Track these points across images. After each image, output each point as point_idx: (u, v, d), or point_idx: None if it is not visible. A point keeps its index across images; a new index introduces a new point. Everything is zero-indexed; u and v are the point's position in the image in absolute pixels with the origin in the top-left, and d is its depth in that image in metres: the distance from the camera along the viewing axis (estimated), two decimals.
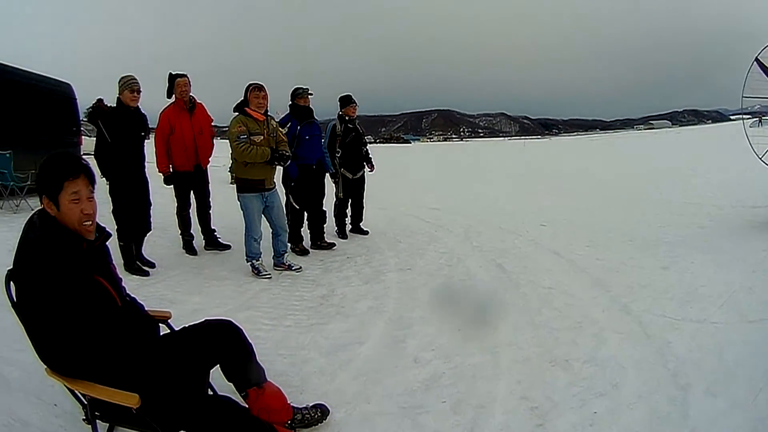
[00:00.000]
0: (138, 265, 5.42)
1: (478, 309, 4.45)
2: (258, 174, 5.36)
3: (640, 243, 6.64)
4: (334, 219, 7.39)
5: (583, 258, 5.97)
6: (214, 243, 6.37)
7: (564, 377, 3.19)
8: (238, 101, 5.43)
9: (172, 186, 6.07)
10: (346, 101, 7.39)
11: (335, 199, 7.41)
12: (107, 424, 2.27)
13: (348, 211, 7.63)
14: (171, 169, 5.98)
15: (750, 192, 9.65)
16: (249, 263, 5.50)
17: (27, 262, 2.02)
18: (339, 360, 3.46)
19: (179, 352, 2.35)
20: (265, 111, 5.43)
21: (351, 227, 7.68)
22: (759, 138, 7.80)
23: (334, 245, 6.81)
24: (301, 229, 6.64)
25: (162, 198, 6.00)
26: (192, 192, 6.15)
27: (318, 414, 2.63)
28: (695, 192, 10.88)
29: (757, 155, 7.61)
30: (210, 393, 2.48)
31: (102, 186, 3.17)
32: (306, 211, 6.72)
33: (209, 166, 6.27)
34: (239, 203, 5.42)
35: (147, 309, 2.51)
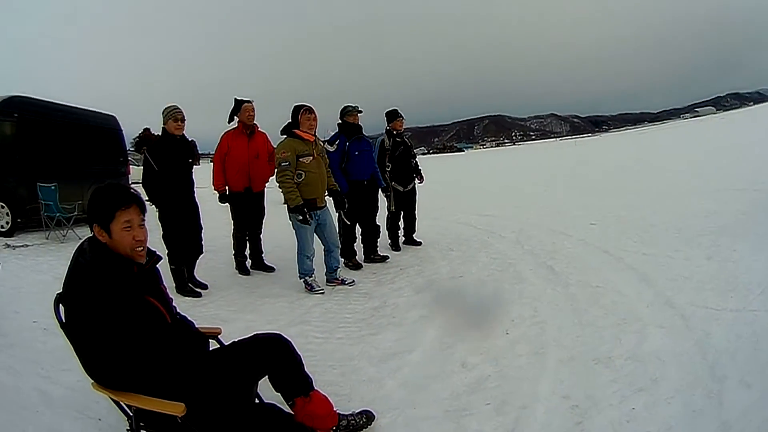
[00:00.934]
0: (190, 287, 5.58)
1: (526, 312, 4.45)
2: (310, 193, 5.50)
3: (686, 234, 6.58)
4: (387, 232, 7.50)
5: (631, 254, 5.93)
6: (260, 265, 6.55)
7: (606, 374, 3.20)
8: (285, 124, 5.58)
9: (227, 205, 6.29)
10: (392, 116, 7.52)
11: (387, 213, 7.51)
12: None
13: (400, 224, 7.72)
14: (227, 189, 6.21)
15: None
16: (302, 280, 5.64)
17: (78, 284, 2.16)
18: (388, 368, 3.55)
19: (227, 363, 2.46)
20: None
21: (404, 239, 7.77)
22: None
23: (387, 258, 6.92)
24: (354, 244, 6.77)
25: (213, 221, 6.26)
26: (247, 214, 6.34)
27: (363, 419, 2.72)
28: (738, 177, 10.75)
29: None
30: (256, 401, 2.58)
31: (152, 213, 3.36)
32: (359, 226, 6.85)
33: (266, 188, 6.45)
34: (291, 222, 5.57)
35: (197, 326, 2.65)
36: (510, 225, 8.72)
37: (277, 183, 5.52)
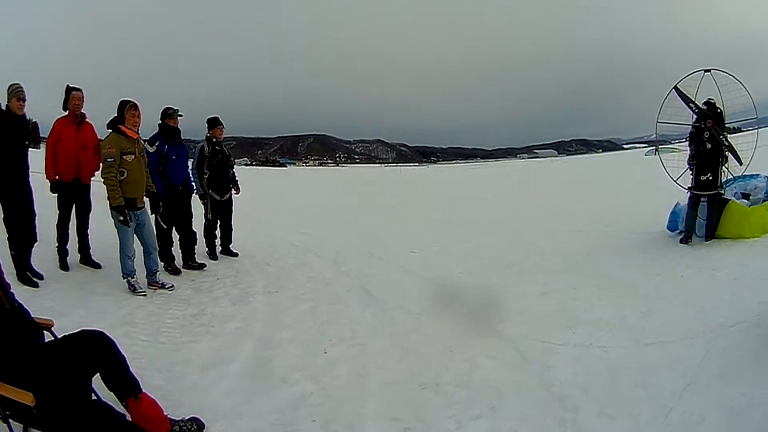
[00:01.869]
0: (28, 276, 5.38)
1: (345, 333, 4.60)
2: (131, 192, 5.45)
3: (517, 270, 6.68)
4: (204, 240, 7.46)
5: (454, 285, 6.05)
6: (87, 260, 6.26)
7: (436, 400, 3.32)
8: (111, 117, 5.47)
9: (56, 195, 5.94)
10: (213, 123, 7.52)
11: (204, 220, 7.47)
12: (21, 425, 2.38)
13: (217, 233, 7.71)
14: (57, 178, 5.85)
15: (641, 217, 9.32)
16: (125, 280, 5.56)
17: None
18: (211, 377, 3.66)
19: (61, 358, 2.54)
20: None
21: (221, 248, 7.76)
22: (670, 161, 7.94)
23: (204, 266, 6.92)
24: (172, 248, 6.70)
25: (49, 210, 5.83)
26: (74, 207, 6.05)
27: (194, 427, 2.85)
28: (581, 219, 10.64)
29: (672, 178, 7.74)
30: (93, 398, 2.67)
31: None
32: (175, 231, 6.79)
33: (92, 181, 6.14)
34: (113, 221, 5.46)
35: (33, 316, 2.69)
36: (328, 245, 8.85)
37: (102, 179, 5.39)
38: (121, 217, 5.32)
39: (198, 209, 7.23)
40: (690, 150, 7.18)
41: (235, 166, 8.09)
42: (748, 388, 3.06)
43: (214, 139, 7.46)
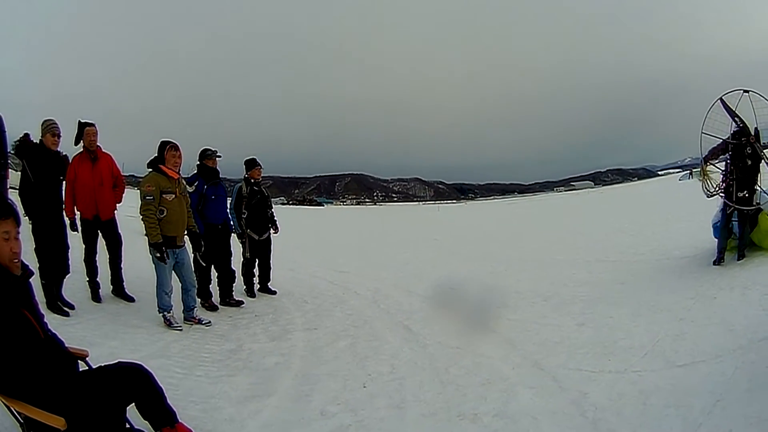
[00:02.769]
0: (59, 305, 5.39)
1: (383, 368, 4.55)
2: (170, 231, 5.51)
3: (554, 302, 6.55)
4: (242, 278, 7.46)
5: (493, 318, 5.89)
6: (121, 293, 6.28)
7: (473, 429, 3.29)
8: (151, 158, 5.58)
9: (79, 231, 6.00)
10: (251, 164, 7.61)
11: (243, 259, 7.50)
12: None
13: (255, 271, 7.72)
14: (77, 216, 5.93)
15: (675, 242, 9.19)
16: (161, 314, 5.56)
17: None
18: (248, 410, 3.59)
19: (97, 387, 2.49)
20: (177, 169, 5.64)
21: (259, 287, 7.75)
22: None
23: (242, 303, 6.90)
24: (210, 286, 6.72)
25: (80, 242, 5.93)
26: (104, 241, 6.11)
27: None
28: (616, 248, 10.28)
29: (708, 192, 7.17)
30: (127, 427, 2.61)
31: (25, 224, 3.26)
32: (214, 269, 6.82)
33: (124, 216, 6.24)
34: (150, 256, 5.51)
35: (67, 346, 2.65)
36: (366, 283, 8.77)
37: (140, 215, 5.46)
38: (158, 254, 5.37)
39: (237, 247, 7.27)
40: (727, 166, 6.84)
41: (273, 205, 8.16)
42: None
43: (252, 180, 7.56)
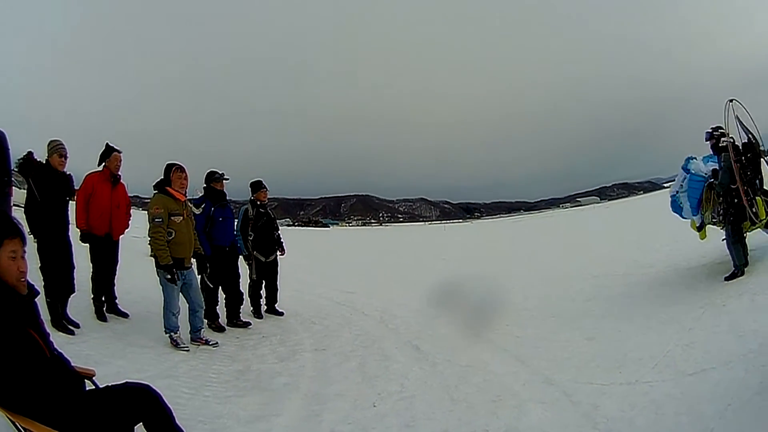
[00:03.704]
0: (64, 324, 5.38)
1: (393, 387, 4.51)
2: (179, 252, 5.51)
3: (563, 318, 6.57)
4: (249, 299, 7.43)
5: (503, 336, 5.97)
6: (114, 309, 6.28)
7: None
8: (158, 180, 5.61)
9: (87, 246, 6.03)
10: (257, 187, 7.63)
11: (249, 281, 7.49)
12: None
13: (262, 292, 7.69)
14: (89, 230, 5.96)
15: (683, 253, 8.86)
16: (167, 335, 5.52)
17: None
18: (257, 430, 3.55)
19: (104, 407, 2.46)
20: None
21: (266, 308, 7.71)
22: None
23: (249, 324, 6.87)
24: (217, 307, 6.69)
25: (86, 261, 5.94)
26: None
27: None
28: (624, 262, 9.94)
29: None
30: None
31: (30, 243, 3.26)
32: (222, 291, 6.80)
33: (131, 236, 6.27)
34: (158, 278, 5.50)
35: (73, 365, 2.62)
36: (374, 303, 8.79)
37: (149, 238, 5.46)
38: (168, 276, 5.36)
39: (244, 269, 7.26)
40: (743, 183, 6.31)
41: (279, 227, 8.15)
42: None
43: (258, 202, 7.56)
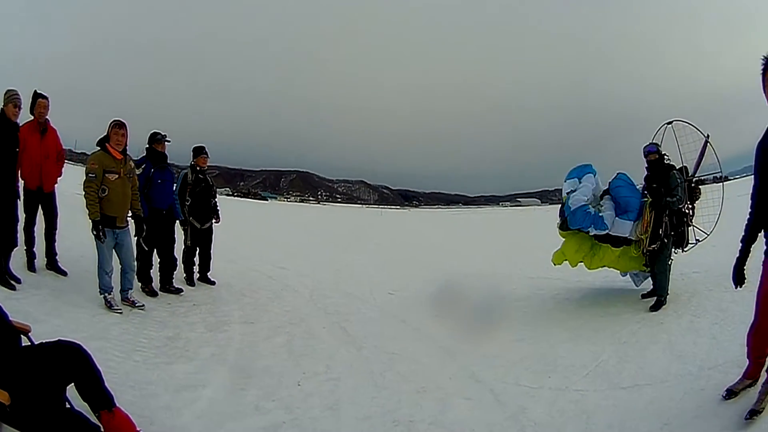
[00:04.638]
0: (6, 278, 5.33)
1: (319, 368, 4.60)
2: (111, 210, 5.46)
3: (494, 316, 6.54)
4: (182, 266, 7.43)
5: (431, 327, 6.03)
6: (54, 266, 6.18)
7: None
8: (101, 136, 5.53)
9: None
10: (198, 152, 7.59)
11: (184, 247, 7.47)
12: None
13: (196, 260, 7.69)
14: (20, 186, 5.82)
15: None
16: (102, 296, 5.49)
17: None
18: (183, 399, 3.64)
19: (38, 364, 2.54)
20: (124, 149, 5.59)
21: (199, 276, 7.71)
22: None
23: (181, 291, 6.87)
24: (151, 271, 6.66)
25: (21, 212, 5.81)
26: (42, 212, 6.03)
27: None
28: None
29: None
30: (67, 406, 2.64)
31: None
32: (156, 254, 6.78)
33: (73, 193, 6.13)
34: (92, 236, 5.44)
35: (11, 319, 2.70)
36: (305, 281, 8.83)
37: (83, 192, 5.40)
38: (95, 232, 5.33)
39: (180, 236, 7.24)
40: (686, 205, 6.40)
41: (217, 195, 8.12)
42: (725, 427, 3.08)
43: (197, 168, 7.52)
